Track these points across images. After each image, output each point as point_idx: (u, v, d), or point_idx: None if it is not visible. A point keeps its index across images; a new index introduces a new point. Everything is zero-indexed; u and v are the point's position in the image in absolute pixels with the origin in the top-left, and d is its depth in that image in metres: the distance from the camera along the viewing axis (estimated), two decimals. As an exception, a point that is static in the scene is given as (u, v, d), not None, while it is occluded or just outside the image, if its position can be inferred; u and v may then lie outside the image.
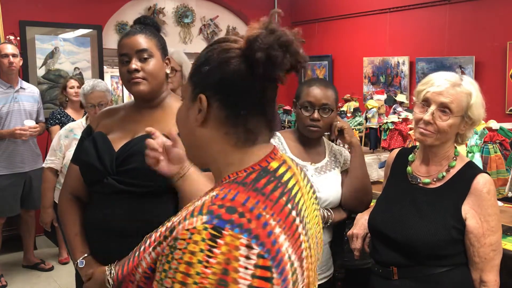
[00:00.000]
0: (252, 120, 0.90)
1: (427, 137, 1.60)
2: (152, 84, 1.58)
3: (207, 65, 0.90)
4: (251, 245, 0.76)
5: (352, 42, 5.78)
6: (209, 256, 0.75)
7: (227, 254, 0.75)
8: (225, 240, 0.76)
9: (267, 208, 0.82)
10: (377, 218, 1.72)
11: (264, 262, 0.77)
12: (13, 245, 4.32)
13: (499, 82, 4.41)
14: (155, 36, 1.61)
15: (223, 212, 0.78)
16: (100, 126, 1.67)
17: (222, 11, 6.26)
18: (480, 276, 1.56)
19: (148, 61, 1.56)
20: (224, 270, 0.74)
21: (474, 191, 1.57)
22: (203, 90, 0.90)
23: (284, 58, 0.85)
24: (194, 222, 0.78)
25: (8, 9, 4.60)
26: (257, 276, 0.76)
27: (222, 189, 0.85)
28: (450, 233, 1.56)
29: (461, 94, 1.57)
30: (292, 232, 0.84)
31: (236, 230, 0.76)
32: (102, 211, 1.57)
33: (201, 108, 0.90)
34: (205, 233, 0.76)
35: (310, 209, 0.95)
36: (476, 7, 4.57)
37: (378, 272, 1.67)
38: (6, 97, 3.87)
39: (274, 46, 0.84)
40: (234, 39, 0.92)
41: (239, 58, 0.87)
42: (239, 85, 0.88)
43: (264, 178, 0.87)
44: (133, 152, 1.54)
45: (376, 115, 3.26)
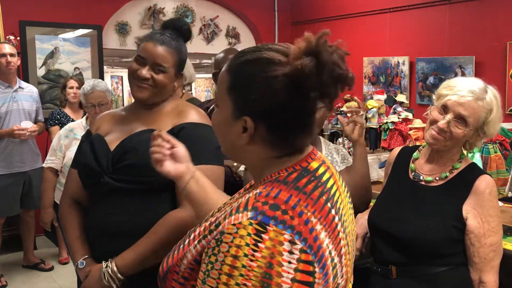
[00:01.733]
0: (299, 140, 0.92)
1: (437, 142, 1.60)
2: (155, 93, 1.61)
3: (252, 93, 0.87)
4: (294, 240, 0.80)
5: (352, 42, 5.78)
6: (254, 250, 0.79)
7: (272, 248, 0.79)
8: (270, 235, 0.79)
9: (308, 206, 0.85)
10: (377, 216, 1.72)
11: (307, 257, 0.80)
12: (13, 245, 4.32)
13: (499, 82, 4.41)
14: (178, 52, 1.62)
15: (267, 209, 0.82)
16: (99, 129, 1.69)
17: (222, 11, 6.26)
18: (480, 277, 1.56)
19: (160, 73, 1.59)
20: (269, 264, 0.78)
21: (475, 192, 1.57)
22: (249, 114, 0.89)
23: (336, 92, 0.86)
24: (240, 218, 0.82)
25: (8, 9, 4.60)
26: (300, 270, 0.79)
27: (265, 187, 0.88)
28: (450, 232, 1.56)
29: (481, 109, 1.56)
30: (332, 229, 0.87)
31: (280, 226, 0.80)
32: (101, 211, 1.57)
33: (247, 129, 0.90)
34: (250, 228, 0.80)
35: (347, 208, 0.98)
36: (476, 7, 4.57)
37: (377, 271, 1.67)
38: (5, 96, 3.87)
39: (328, 83, 0.84)
40: (278, 60, 0.87)
41: (287, 89, 0.85)
42: (288, 113, 0.87)
43: (305, 177, 0.89)
44: (127, 149, 1.54)
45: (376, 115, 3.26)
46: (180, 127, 1.56)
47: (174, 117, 1.61)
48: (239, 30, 6.40)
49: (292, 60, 0.84)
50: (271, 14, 6.46)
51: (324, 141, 2.10)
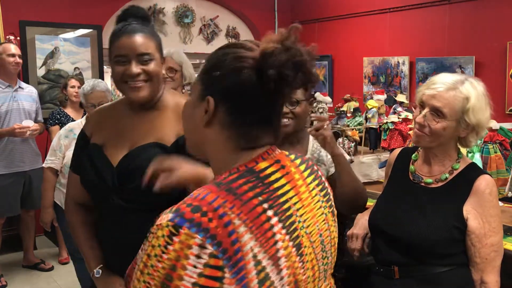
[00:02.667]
0: (256, 128, 0.93)
1: (421, 138, 1.60)
2: (153, 86, 1.50)
3: (219, 70, 0.92)
4: (205, 244, 0.79)
5: (352, 42, 5.78)
6: (163, 252, 0.81)
7: (179, 251, 0.80)
8: (180, 237, 0.80)
9: (234, 208, 0.84)
10: (378, 217, 1.71)
11: (216, 262, 0.79)
12: (13, 245, 4.32)
13: (499, 82, 4.41)
14: (154, 35, 1.53)
15: (187, 211, 0.82)
16: (94, 133, 1.58)
17: (222, 11, 6.26)
18: (481, 277, 1.56)
19: (149, 63, 1.48)
20: (173, 266, 0.80)
21: (476, 192, 1.56)
22: (212, 93, 0.92)
23: (295, 78, 0.88)
24: (163, 219, 0.83)
25: (8, 9, 4.60)
26: (205, 275, 0.79)
27: (200, 189, 0.88)
28: (451, 232, 1.55)
29: (455, 98, 1.54)
30: (263, 231, 0.85)
31: (193, 230, 0.80)
32: (112, 228, 1.51)
33: (208, 109, 0.92)
34: (166, 230, 0.81)
35: (311, 207, 0.96)
36: (476, 7, 4.57)
37: (379, 272, 1.66)
38: (5, 96, 3.87)
39: (288, 65, 0.87)
40: (249, 46, 0.93)
41: (251, 69, 0.89)
42: (248, 95, 0.90)
43: (243, 178, 0.89)
44: (134, 167, 1.43)
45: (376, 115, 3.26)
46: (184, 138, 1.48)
47: (176, 122, 1.48)
48: (239, 30, 6.40)
49: (261, 45, 0.89)
50: (271, 14, 6.46)
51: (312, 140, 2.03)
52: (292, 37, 0.89)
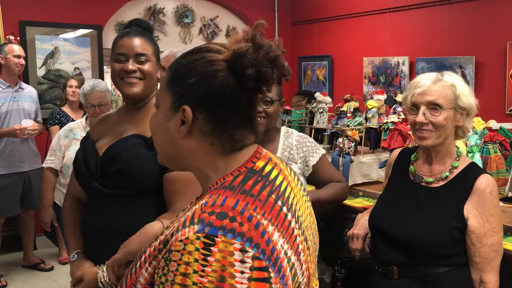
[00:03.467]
0: (238, 131, 0.91)
1: (427, 139, 1.61)
2: (146, 85, 1.62)
3: (191, 77, 0.89)
4: (245, 248, 0.77)
5: (352, 42, 5.78)
6: (204, 265, 0.76)
7: (222, 261, 0.76)
8: (219, 247, 0.76)
9: (257, 209, 0.83)
10: (378, 217, 1.72)
11: (260, 263, 0.78)
12: (13, 245, 4.32)
13: (499, 82, 4.41)
14: (153, 43, 1.66)
15: (213, 219, 0.79)
16: (95, 133, 1.73)
17: (222, 11, 6.26)
18: (480, 277, 1.56)
19: (145, 63, 1.61)
20: (221, 277, 0.75)
21: (476, 192, 1.57)
22: (187, 102, 0.89)
23: (272, 73, 0.88)
24: (187, 233, 0.79)
25: (8, 9, 4.60)
26: (254, 279, 0.77)
27: (211, 196, 0.86)
28: (451, 232, 1.55)
29: (445, 88, 1.60)
30: (286, 227, 0.85)
31: (229, 236, 0.77)
32: (93, 214, 1.62)
33: (185, 120, 0.89)
34: (198, 243, 0.77)
35: (301, 202, 0.96)
36: (476, 7, 4.57)
37: (378, 271, 1.66)
38: (5, 96, 3.88)
39: (264, 63, 0.86)
40: (217, 49, 0.91)
41: (226, 71, 0.88)
42: (226, 98, 0.88)
43: (251, 179, 0.88)
44: (113, 156, 1.57)
45: (376, 115, 3.26)
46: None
47: None
48: (239, 30, 6.37)
49: (230, 46, 0.88)
50: (271, 14, 6.46)
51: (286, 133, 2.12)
52: (258, 34, 0.88)
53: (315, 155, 2.08)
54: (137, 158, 1.54)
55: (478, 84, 4.52)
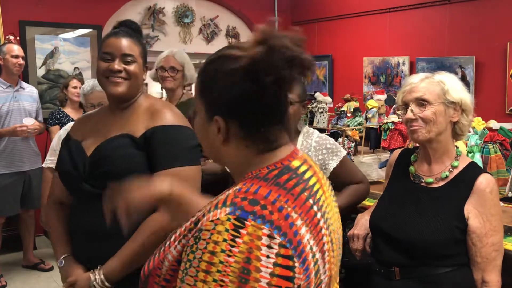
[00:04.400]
0: (272, 131, 0.92)
1: (418, 132, 1.63)
2: (131, 85, 1.61)
3: (215, 90, 0.91)
4: (273, 235, 0.79)
5: (352, 42, 5.78)
6: (232, 246, 0.78)
7: (250, 243, 0.78)
8: (248, 230, 0.79)
9: (288, 202, 0.84)
10: (379, 218, 1.71)
11: (286, 251, 0.80)
12: (13, 245, 4.32)
13: (499, 82, 4.41)
14: (140, 44, 1.66)
15: (245, 204, 0.81)
16: (77, 133, 1.71)
17: (222, 11, 6.26)
18: (482, 276, 1.56)
19: (131, 64, 1.61)
20: (247, 259, 0.77)
21: (477, 191, 1.57)
22: (218, 113, 0.91)
23: (291, 74, 0.87)
24: (218, 214, 0.81)
25: (8, 9, 4.60)
26: (279, 265, 0.79)
27: (245, 183, 0.88)
28: (452, 232, 1.55)
29: (431, 84, 1.63)
30: (314, 225, 0.87)
31: (259, 221, 0.79)
32: (80, 216, 1.60)
33: (220, 129, 0.92)
34: (228, 224, 0.79)
35: (331, 206, 0.98)
36: (476, 7, 4.57)
37: (380, 272, 1.66)
38: (6, 96, 3.88)
39: (281, 66, 0.86)
40: (236, 56, 0.90)
41: (245, 79, 0.87)
42: (251, 105, 0.89)
43: (286, 174, 0.90)
44: (101, 156, 1.56)
45: (376, 115, 3.26)
46: (151, 131, 1.57)
47: (147, 118, 1.61)
48: (239, 30, 6.40)
49: (247, 52, 0.88)
50: (271, 14, 6.45)
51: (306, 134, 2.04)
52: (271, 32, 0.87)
53: (335, 157, 2.00)
54: (126, 158, 1.54)
55: (478, 84, 4.52)
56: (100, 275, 1.50)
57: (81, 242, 1.60)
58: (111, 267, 1.51)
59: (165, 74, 2.91)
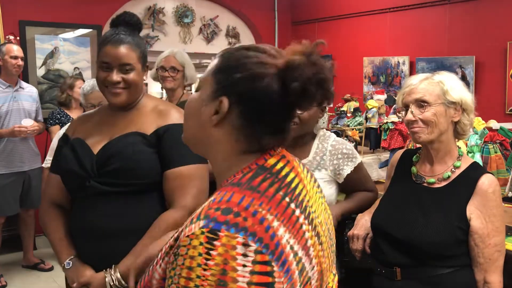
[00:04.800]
0: (267, 136, 0.92)
1: (419, 133, 1.63)
2: (131, 93, 1.61)
3: (239, 72, 0.90)
4: (248, 242, 0.79)
5: (352, 42, 5.78)
6: (207, 259, 0.78)
7: (224, 254, 0.78)
8: (222, 241, 0.78)
9: (263, 204, 0.84)
10: (381, 218, 1.71)
11: (263, 257, 0.79)
12: (12, 245, 4.31)
13: (499, 82, 4.41)
14: (138, 46, 1.62)
15: (218, 215, 0.81)
16: (76, 132, 1.67)
17: (222, 11, 6.26)
18: (484, 277, 1.55)
19: (129, 72, 1.58)
20: (223, 271, 0.77)
21: (479, 192, 1.56)
22: (227, 94, 0.90)
23: (316, 94, 0.89)
24: (193, 228, 0.81)
25: (8, 9, 4.60)
26: (256, 272, 0.78)
27: (219, 192, 0.88)
28: (454, 233, 1.55)
29: (431, 84, 1.62)
30: (292, 223, 0.87)
31: (232, 230, 0.79)
32: (87, 215, 1.57)
33: (220, 110, 0.91)
34: (202, 237, 0.79)
35: (315, 198, 0.97)
36: (476, 7, 4.57)
37: (381, 273, 1.65)
38: (5, 96, 3.87)
39: (312, 81, 0.87)
40: (273, 53, 0.92)
41: (274, 77, 0.88)
42: (265, 101, 0.89)
43: (260, 175, 0.89)
44: (112, 154, 1.55)
45: (376, 115, 3.26)
46: (165, 128, 1.57)
47: (156, 117, 1.61)
48: (239, 30, 6.40)
49: (286, 55, 0.89)
50: (271, 14, 6.46)
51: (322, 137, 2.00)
52: (316, 52, 0.89)
53: (350, 164, 1.95)
54: (138, 155, 1.54)
55: (478, 84, 4.52)
56: (116, 274, 1.49)
57: (89, 242, 1.57)
58: (127, 265, 1.48)
59: (165, 74, 2.91)
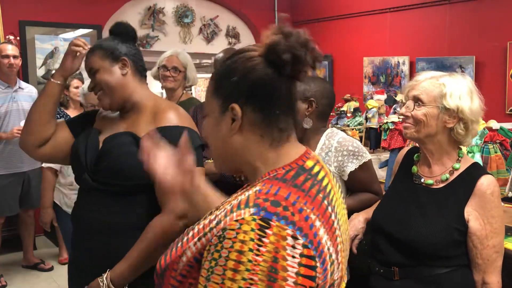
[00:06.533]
0: (283, 119, 0.97)
1: (406, 129, 1.64)
2: (110, 94, 1.62)
3: (234, 76, 0.95)
4: (296, 235, 0.82)
5: (352, 42, 5.78)
6: (259, 245, 0.80)
7: (276, 243, 0.81)
8: (273, 230, 0.81)
9: (307, 203, 0.88)
10: (380, 216, 1.71)
11: (309, 252, 0.83)
12: (12, 245, 4.31)
13: (499, 82, 4.41)
14: (100, 47, 1.65)
15: (268, 205, 0.84)
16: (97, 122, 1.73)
17: (222, 11, 6.26)
18: (483, 278, 1.55)
19: (95, 75, 1.63)
20: (274, 258, 0.80)
21: (478, 193, 1.55)
22: (234, 100, 0.95)
23: (306, 56, 0.92)
24: (242, 214, 0.84)
25: (8, 9, 4.60)
26: (303, 265, 0.82)
27: (264, 184, 0.90)
28: (451, 234, 1.55)
29: (432, 85, 1.60)
30: (330, 226, 0.90)
31: (282, 222, 0.82)
32: (84, 208, 1.62)
33: (235, 117, 0.95)
34: (254, 224, 0.81)
35: (341, 207, 1.01)
36: (476, 7, 4.57)
37: (379, 272, 1.65)
38: (5, 96, 3.87)
39: (296, 47, 0.91)
40: (252, 48, 0.98)
41: (263, 63, 0.94)
42: (269, 87, 0.94)
43: (302, 175, 0.93)
44: (104, 151, 1.58)
45: (376, 115, 3.26)
46: (158, 130, 1.55)
47: (151, 119, 1.61)
48: (239, 30, 6.40)
49: (263, 42, 0.94)
50: (271, 14, 6.46)
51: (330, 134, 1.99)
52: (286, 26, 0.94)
53: (355, 161, 1.92)
54: (127, 156, 1.54)
55: (478, 84, 4.46)
56: (107, 279, 1.50)
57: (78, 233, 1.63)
58: (119, 271, 1.50)
59: (166, 74, 2.91)
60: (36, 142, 1.68)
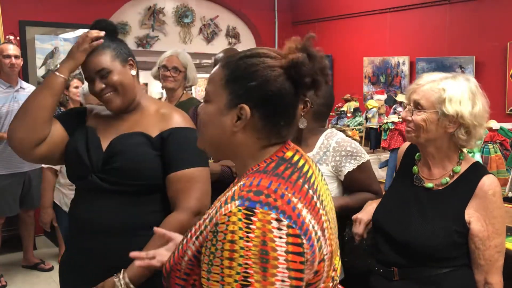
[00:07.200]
0: (285, 129, 1.04)
1: (408, 133, 1.64)
2: (123, 94, 1.59)
3: (253, 80, 1.00)
4: (280, 218, 0.90)
5: (352, 42, 5.78)
6: (247, 232, 0.88)
7: (262, 228, 0.89)
8: (258, 216, 0.89)
9: (288, 189, 0.95)
10: (380, 215, 1.70)
11: (294, 231, 0.91)
12: (12, 245, 4.31)
13: (499, 82, 4.41)
14: (108, 47, 1.60)
15: (251, 195, 0.92)
16: (90, 118, 1.68)
17: (222, 11, 6.26)
18: (485, 278, 1.54)
19: (108, 75, 1.57)
20: (263, 242, 0.88)
21: (479, 193, 1.54)
22: (245, 101, 1.00)
23: (322, 81, 1.02)
24: (229, 207, 0.92)
25: (8, 9, 4.60)
26: (290, 243, 0.90)
27: (247, 178, 0.99)
28: (451, 236, 1.54)
29: (432, 89, 1.58)
30: (312, 207, 0.98)
31: (266, 208, 0.90)
32: (87, 209, 1.58)
33: (242, 117, 1.00)
34: (240, 214, 0.90)
35: (323, 189, 1.08)
36: (476, 7, 4.57)
37: (379, 272, 1.65)
38: (6, 96, 3.87)
39: (318, 72, 1.00)
40: (273, 55, 1.02)
41: (283, 77, 1.00)
42: (281, 101, 1.01)
43: (282, 165, 1.01)
44: (116, 151, 1.56)
45: (376, 115, 3.26)
46: (168, 132, 1.58)
47: (159, 120, 1.62)
48: (239, 30, 6.40)
49: (287, 54, 1.00)
50: (271, 14, 6.46)
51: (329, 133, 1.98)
52: (310, 45, 1.01)
53: (353, 161, 1.92)
54: (142, 156, 1.54)
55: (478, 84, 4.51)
56: (125, 278, 1.48)
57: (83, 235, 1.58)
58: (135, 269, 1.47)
59: (167, 74, 2.91)
60: (33, 141, 1.56)
